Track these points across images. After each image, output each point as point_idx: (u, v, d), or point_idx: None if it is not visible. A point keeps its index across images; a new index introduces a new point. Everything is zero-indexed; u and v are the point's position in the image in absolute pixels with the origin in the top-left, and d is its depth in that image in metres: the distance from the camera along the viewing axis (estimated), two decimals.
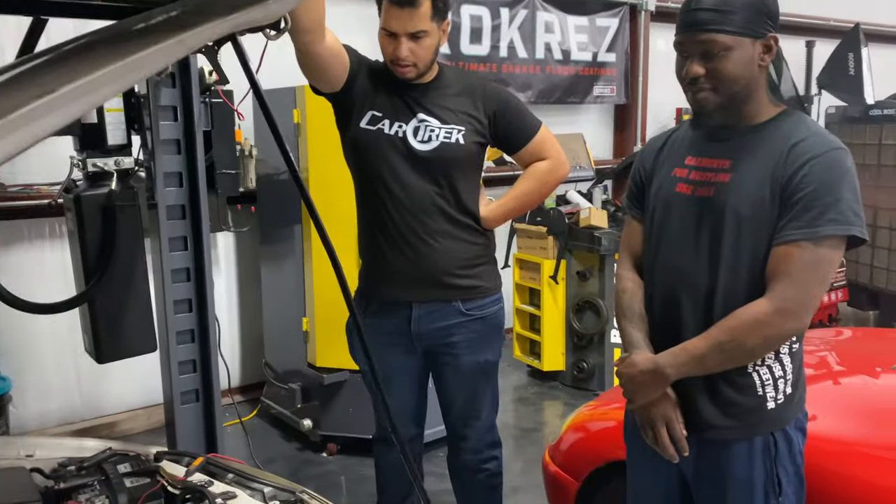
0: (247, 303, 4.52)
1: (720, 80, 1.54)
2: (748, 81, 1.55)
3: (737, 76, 1.54)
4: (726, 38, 1.51)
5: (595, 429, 2.42)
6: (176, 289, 2.61)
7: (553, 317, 4.66)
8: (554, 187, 2.45)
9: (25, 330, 3.74)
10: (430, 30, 2.09)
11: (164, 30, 0.52)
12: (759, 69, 1.55)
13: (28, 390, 3.80)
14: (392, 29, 2.07)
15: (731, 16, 1.49)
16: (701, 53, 1.54)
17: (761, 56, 1.54)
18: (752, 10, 1.50)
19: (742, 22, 1.50)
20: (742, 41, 1.51)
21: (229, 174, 2.86)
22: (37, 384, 3.86)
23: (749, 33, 1.51)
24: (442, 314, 2.27)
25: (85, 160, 2.30)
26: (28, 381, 3.80)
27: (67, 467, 1.68)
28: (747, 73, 1.54)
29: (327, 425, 3.75)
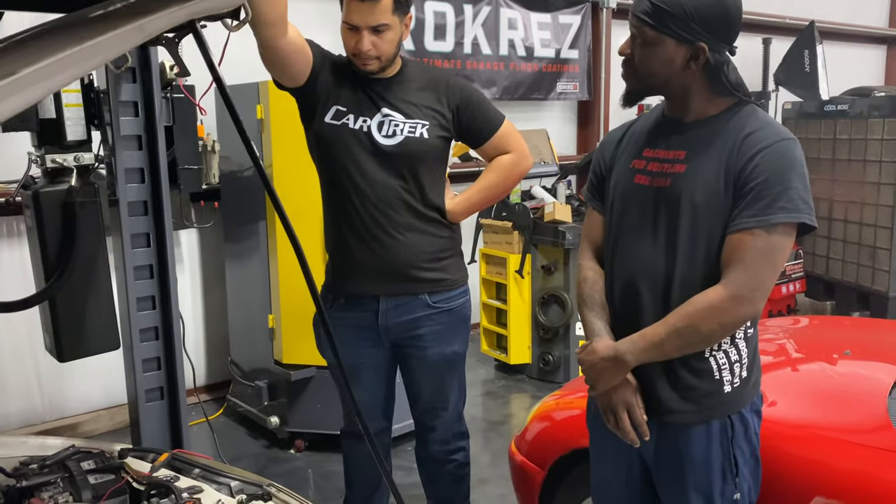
0: (212, 301, 4.48)
1: (638, 69, 1.62)
2: (668, 79, 1.61)
3: (652, 71, 1.60)
4: (650, 32, 1.57)
5: (560, 417, 2.46)
6: (139, 286, 2.58)
7: (519, 310, 4.70)
8: (518, 180, 2.46)
9: None
10: (392, 23, 2.10)
11: (122, 15, 0.52)
12: (682, 70, 1.59)
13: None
14: (353, 22, 2.08)
15: (664, 15, 1.54)
16: (633, 37, 1.62)
17: (685, 60, 1.58)
18: (687, 16, 1.53)
19: (671, 23, 1.54)
20: (665, 41, 1.56)
21: (192, 170, 2.83)
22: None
23: (674, 35, 1.55)
24: (409, 307, 2.28)
25: (43, 156, 2.26)
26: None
27: (29, 465, 1.66)
28: (665, 71, 1.59)
29: (294, 422, 3.75)
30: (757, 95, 6.34)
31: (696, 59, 1.57)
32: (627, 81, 1.66)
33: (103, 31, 0.51)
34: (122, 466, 1.68)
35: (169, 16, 0.57)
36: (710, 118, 1.64)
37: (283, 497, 1.56)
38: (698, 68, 1.58)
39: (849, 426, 1.99)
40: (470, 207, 2.37)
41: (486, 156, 2.38)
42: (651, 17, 1.55)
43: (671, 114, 1.69)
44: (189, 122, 2.80)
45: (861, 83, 6.61)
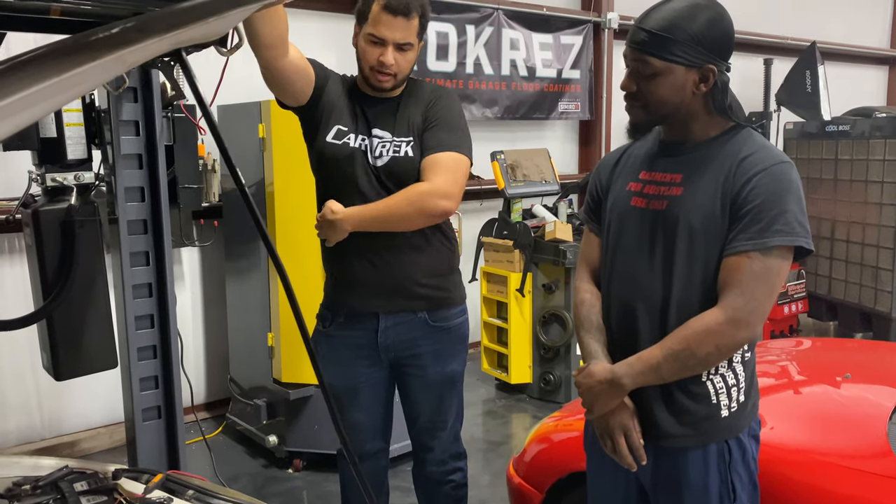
0: (212, 318, 4.48)
1: (648, 101, 1.60)
2: (679, 106, 1.60)
3: (664, 100, 1.59)
4: (657, 62, 1.56)
5: (558, 440, 2.44)
6: (137, 304, 2.58)
7: (520, 329, 4.68)
8: (421, 215, 2.14)
9: None
10: (415, 44, 2.14)
11: (103, 46, 0.53)
12: (692, 95, 1.59)
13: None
14: (381, 35, 2.08)
15: (668, 43, 1.54)
16: (635, 71, 1.60)
17: (696, 84, 1.59)
18: (692, 40, 1.54)
19: (677, 50, 1.54)
20: (674, 68, 1.56)
21: (192, 189, 2.84)
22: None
23: (683, 62, 1.55)
24: (408, 325, 2.28)
25: (44, 175, 2.27)
26: None
27: (22, 486, 1.64)
28: (676, 98, 1.59)
29: (293, 441, 3.73)
30: (758, 116, 6.35)
31: (705, 82, 1.58)
32: (635, 115, 1.64)
33: (83, 62, 0.52)
34: (115, 488, 1.67)
35: (150, 47, 0.57)
36: (707, 141, 1.64)
37: None
38: (706, 91, 1.58)
39: (848, 451, 1.97)
40: (360, 220, 2.12)
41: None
42: (654, 47, 1.55)
43: (669, 137, 1.70)
44: (189, 142, 2.81)
45: (863, 104, 6.63)
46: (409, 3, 2.06)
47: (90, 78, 0.55)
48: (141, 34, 0.55)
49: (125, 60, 0.56)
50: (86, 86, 0.56)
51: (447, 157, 2.14)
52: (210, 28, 0.64)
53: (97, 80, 0.54)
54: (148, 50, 0.57)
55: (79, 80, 0.54)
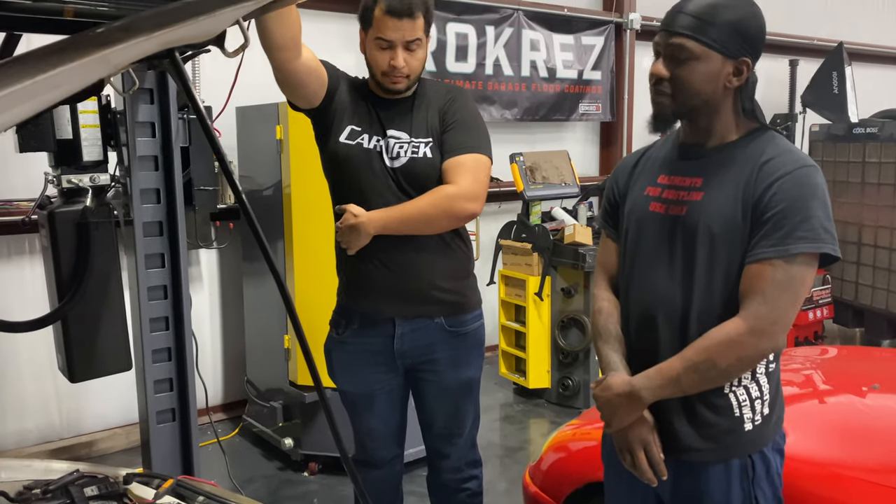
0: (229, 320, 4.48)
1: (679, 89, 1.54)
2: (709, 98, 1.55)
3: (697, 89, 1.53)
4: (696, 46, 1.51)
5: (576, 448, 2.39)
6: (152, 306, 2.58)
7: (538, 333, 4.64)
8: (448, 219, 2.12)
9: (3, 347, 3.69)
10: (423, 40, 2.10)
11: (86, 46, 0.50)
12: (724, 89, 1.55)
13: (6, 408, 3.75)
14: (389, 38, 2.06)
15: (709, 27, 1.49)
16: (669, 56, 1.54)
17: (729, 77, 1.54)
18: (731, 28, 1.50)
19: (717, 36, 1.50)
20: (712, 55, 1.51)
21: (207, 191, 2.83)
22: (14, 402, 3.80)
23: (721, 49, 1.51)
24: (425, 331, 2.24)
25: (60, 176, 2.27)
26: (5, 399, 3.75)
27: (33, 490, 1.64)
28: (709, 88, 1.53)
29: (308, 444, 3.71)
30: (783, 118, 6.24)
31: (738, 76, 1.53)
32: (662, 105, 1.58)
33: (62, 62, 0.49)
34: (125, 493, 1.65)
35: (137, 46, 0.54)
36: (728, 144, 1.59)
37: None
38: (738, 86, 1.53)
39: (875, 466, 1.90)
40: (385, 223, 2.09)
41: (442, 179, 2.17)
42: (695, 30, 1.50)
43: (689, 140, 1.65)
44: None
45: (891, 105, 6.48)
46: (412, 3, 2.03)
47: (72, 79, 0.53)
48: (126, 34, 0.52)
49: (109, 61, 0.53)
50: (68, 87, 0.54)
51: (470, 158, 2.13)
52: (201, 28, 0.62)
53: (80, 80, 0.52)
54: (134, 50, 0.55)
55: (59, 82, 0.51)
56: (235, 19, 0.73)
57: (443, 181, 2.12)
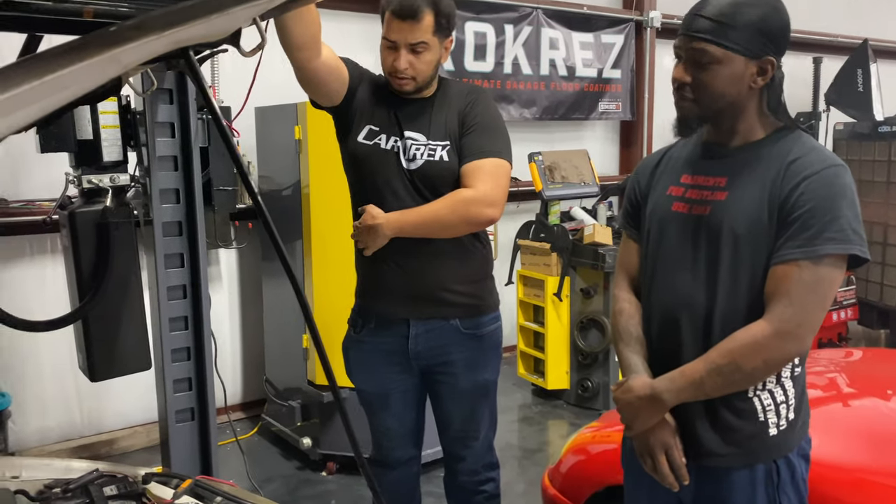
0: (248, 319, 4.50)
1: (703, 93, 1.51)
2: (734, 100, 1.52)
3: (721, 92, 1.50)
4: (717, 50, 1.48)
5: (595, 451, 2.37)
6: (172, 306, 2.59)
7: (557, 334, 4.60)
8: (465, 222, 2.10)
9: (25, 346, 3.73)
10: (431, 44, 2.07)
11: (96, 45, 0.49)
12: (748, 90, 1.52)
13: (28, 406, 3.79)
14: (393, 39, 2.05)
15: (730, 30, 1.46)
16: (691, 60, 1.51)
17: (753, 77, 1.51)
18: (753, 28, 1.47)
19: (739, 38, 1.47)
20: (734, 58, 1.48)
21: (226, 191, 2.84)
22: (36, 400, 3.84)
23: (743, 51, 1.48)
24: (439, 332, 2.23)
25: (80, 177, 2.28)
26: (27, 397, 3.79)
27: (53, 489, 1.64)
28: (733, 90, 1.51)
29: (327, 444, 3.71)
30: (807, 116, 6.15)
31: (763, 75, 1.50)
32: (686, 109, 1.55)
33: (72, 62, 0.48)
34: (143, 493, 1.66)
35: (148, 45, 0.53)
36: (753, 143, 1.56)
37: None
38: (762, 85, 1.51)
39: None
40: (402, 226, 2.07)
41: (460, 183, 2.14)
42: (716, 33, 1.47)
43: (713, 138, 1.62)
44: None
45: None
46: (416, 5, 2.01)
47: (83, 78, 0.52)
48: (137, 32, 0.51)
49: (120, 60, 0.52)
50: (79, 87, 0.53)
51: (490, 163, 2.09)
52: (214, 26, 0.61)
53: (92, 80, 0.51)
54: (146, 49, 0.54)
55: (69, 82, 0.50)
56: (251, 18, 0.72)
57: (460, 185, 2.10)
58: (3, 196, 3.55)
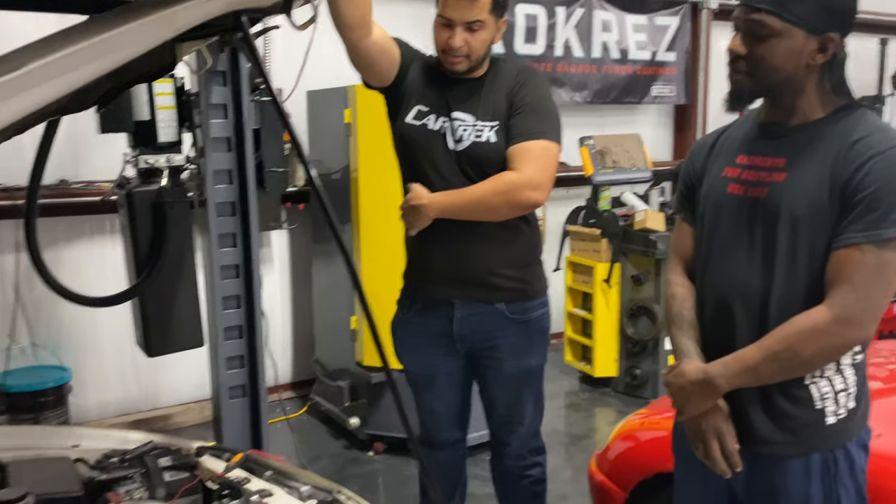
0: (299, 300, 4.57)
1: (758, 67, 1.46)
2: (790, 76, 1.46)
3: (776, 67, 1.45)
4: (777, 22, 1.42)
5: (644, 438, 2.34)
6: (225, 285, 2.64)
7: (606, 322, 4.55)
8: (509, 205, 2.06)
9: (86, 322, 3.86)
10: (487, 22, 2.05)
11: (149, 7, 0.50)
12: (807, 67, 1.45)
13: (88, 381, 3.92)
14: (449, 17, 2.03)
15: (792, 2, 1.41)
16: (748, 32, 1.46)
17: (812, 54, 1.44)
18: (817, 2, 1.41)
19: (801, 11, 1.41)
20: (794, 31, 1.42)
21: (278, 172, 2.88)
22: (96, 375, 3.98)
23: (805, 25, 1.42)
24: (485, 316, 2.21)
25: (137, 157, 2.34)
26: (88, 372, 3.92)
27: (110, 459, 1.70)
28: (790, 66, 1.45)
29: (374, 424, 3.75)
30: (871, 99, 5.91)
31: (823, 52, 1.44)
32: (739, 83, 1.50)
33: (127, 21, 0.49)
34: (196, 465, 1.70)
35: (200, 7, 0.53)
36: (814, 122, 1.50)
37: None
38: (821, 63, 1.45)
39: None
40: (445, 207, 2.05)
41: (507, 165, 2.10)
42: (777, 5, 1.41)
43: (771, 118, 1.56)
44: (276, 126, 2.85)
45: None
46: None
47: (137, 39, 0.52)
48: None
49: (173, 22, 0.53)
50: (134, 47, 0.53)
51: (537, 145, 2.06)
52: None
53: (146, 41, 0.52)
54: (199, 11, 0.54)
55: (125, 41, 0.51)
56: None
57: (507, 167, 2.07)
58: (65, 177, 3.66)
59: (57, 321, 3.81)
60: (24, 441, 1.70)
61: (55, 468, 1.57)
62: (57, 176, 3.63)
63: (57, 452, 1.67)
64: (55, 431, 1.85)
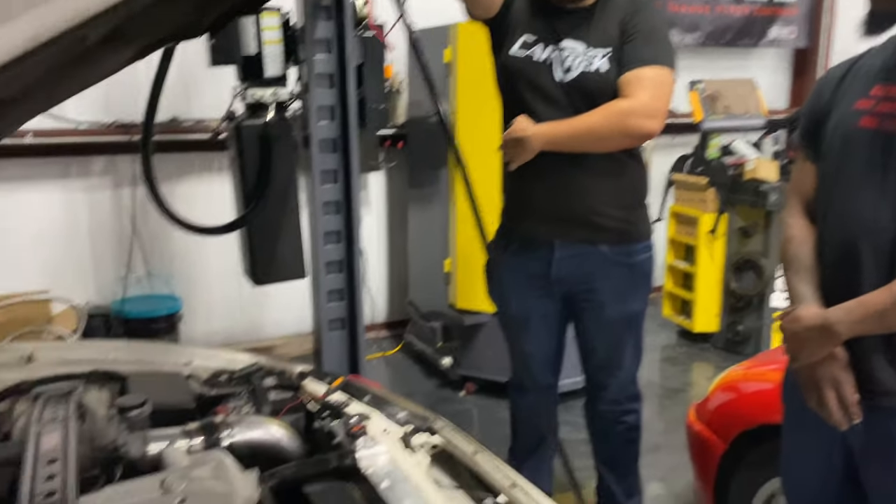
0: (395, 242, 4.63)
1: None
2: None
3: None
4: None
5: (748, 390, 2.24)
6: (326, 221, 2.69)
7: (708, 275, 4.39)
8: (621, 134, 1.98)
9: (196, 255, 4.06)
10: None
11: None
12: None
13: (196, 311, 4.13)
14: None
15: None
16: None
17: None
18: None
19: None
20: None
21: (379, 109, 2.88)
22: (204, 306, 4.18)
23: None
24: (585, 258, 2.15)
25: (245, 91, 2.39)
26: (196, 302, 4.13)
27: (219, 376, 1.78)
28: None
29: (466, 365, 3.80)
30: None
31: None
32: (881, 2, 1.38)
33: None
34: (299, 387, 1.76)
35: None
36: None
37: (449, 433, 1.54)
38: None
39: None
40: (551, 137, 1.98)
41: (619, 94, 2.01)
42: None
43: None
44: (378, 62, 2.85)
45: None
46: None
47: None
48: None
49: None
50: None
51: (650, 71, 1.96)
52: None
53: None
54: None
55: None
56: None
57: (618, 96, 1.98)
58: (176, 115, 3.81)
59: (169, 253, 4.02)
60: (142, 356, 1.80)
61: (170, 382, 1.66)
62: (169, 114, 3.77)
63: (171, 368, 1.75)
64: (170, 349, 1.96)
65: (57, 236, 3.84)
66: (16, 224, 3.73)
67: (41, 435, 1.08)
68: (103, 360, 1.65)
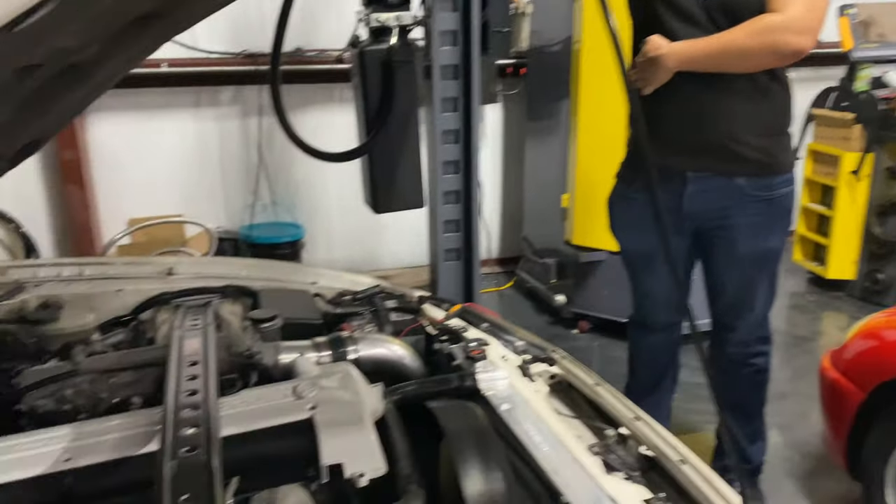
0: (510, 177, 4.57)
1: None
2: None
3: None
4: None
5: (891, 338, 2.08)
6: (445, 150, 2.68)
7: (848, 219, 4.07)
8: (768, 52, 1.81)
9: (317, 185, 4.18)
10: None
11: None
12: None
13: (317, 239, 4.27)
14: None
15: None
16: None
17: None
18: None
19: None
20: None
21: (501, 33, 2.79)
22: (324, 234, 4.32)
23: None
24: (721, 191, 2.01)
25: (369, 15, 2.37)
26: (318, 231, 4.27)
27: (344, 296, 1.83)
28: None
29: (580, 303, 3.74)
30: None
31: None
32: None
33: None
34: (419, 311, 1.77)
35: None
36: None
37: (568, 364, 1.51)
38: None
39: None
40: (690, 56, 1.85)
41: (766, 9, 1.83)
42: None
43: None
44: None
45: None
46: None
47: None
48: None
49: None
50: None
51: None
52: None
53: None
54: None
55: None
56: None
57: (766, 10, 1.80)
58: (300, 45, 3.86)
59: (294, 182, 4.15)
60: (271, 274, 1.87)
61: (298, 298, 1.72)
62: (293, 44, 3.83)
63: (299, 286, 1.81)
64: (297, 269, 2.02)
65: (191, 164, 4.04)
66: (153, 151, 3.95)
67: (183, 339, 1.14)
68: (236, 276, 1.73)
